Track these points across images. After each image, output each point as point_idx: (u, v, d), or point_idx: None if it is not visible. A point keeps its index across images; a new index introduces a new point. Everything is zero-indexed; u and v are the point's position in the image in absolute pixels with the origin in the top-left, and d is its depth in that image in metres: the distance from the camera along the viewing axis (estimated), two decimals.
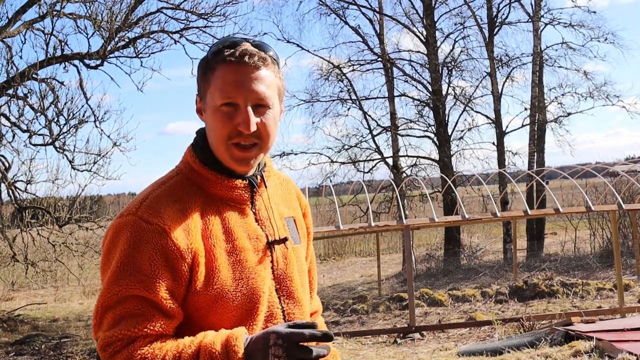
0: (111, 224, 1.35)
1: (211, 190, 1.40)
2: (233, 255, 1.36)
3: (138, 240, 1.29)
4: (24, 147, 10.79)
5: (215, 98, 1.35)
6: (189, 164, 1.42)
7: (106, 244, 1.34)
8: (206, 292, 1.32)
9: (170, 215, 1.32)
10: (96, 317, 1.30)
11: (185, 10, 10.34)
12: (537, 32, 15.01)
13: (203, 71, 1.40)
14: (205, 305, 1.33)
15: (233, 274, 1.35)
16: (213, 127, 1.37)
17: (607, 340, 5.51)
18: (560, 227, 17.53)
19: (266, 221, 1.45)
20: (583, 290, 9.91)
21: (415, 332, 8.22)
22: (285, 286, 1.44)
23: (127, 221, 1.31)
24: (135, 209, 1.33)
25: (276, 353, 1.21)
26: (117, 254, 1.30)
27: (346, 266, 17.84)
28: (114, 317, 1.27)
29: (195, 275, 1.32)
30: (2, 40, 9.76)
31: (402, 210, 11.77)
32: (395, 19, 15.67)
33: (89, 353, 8.48)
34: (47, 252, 10.66)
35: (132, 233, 1.29)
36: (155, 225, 1.30)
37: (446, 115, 15.31)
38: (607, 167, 11.86)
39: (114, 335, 1.26)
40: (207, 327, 1.32)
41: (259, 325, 1.37)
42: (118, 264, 1.29)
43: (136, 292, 1.27)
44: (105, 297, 1.29)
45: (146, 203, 1.34)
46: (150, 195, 1.36)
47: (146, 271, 1.27)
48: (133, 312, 1.27)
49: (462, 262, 14.69)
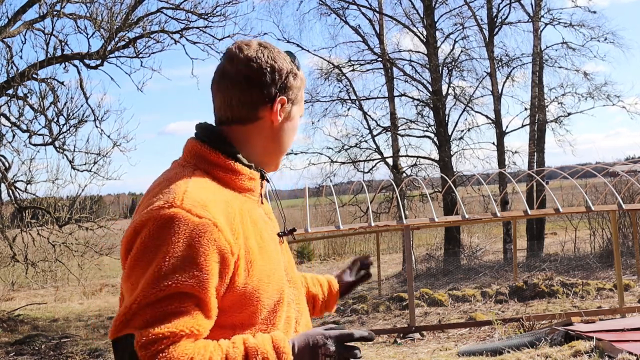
0: (145, 217, 1.26)
1: (235, 182, 1.40)
2: (262, 247, 1.38)
3: (190, 235, 1.22)
4: (24, 147, 10.81)
5: (300, 112, 1.50)
6: (205, 158, 1.39)
7: (143, 239, 1.24)
8: (245, 285, 1.31)
9: (215, 209, 1.28)
10: (127, 312, 1.20)
11: (185, 10, 10.35)
12: (537, 32, 15.01)
13: (297, 82, 1.47)
14: (242, 300, 1.31)
15: (265, 264, 1.36)
16: (286, 140, 1.48)
17: (607, 340, 5.51)
18: (560, 227, 17.53)
19: (270, 214, 1.52)
20: (583, 290, 9.91)
21: (415, 332, 8.22)
22: (290, 276, 1.50)
23: (174, 214, 1.23)
24: (179, 202, 1.25)
25: (326, 352, 1.27)
26: (164, 248, 1.21)
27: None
28: (156, 314, 1.19)
29: (237, 269, 1.29)
30: (2, 40, 9.76)
31: (402, 210, 11.77)
32: (395, 19, 15.69)
33: (89, 353, 8.49)
34: (47, 252, 10.67)
35: (182, 227, 1.22)
36: (206, 219, 1.24)
37: (446, 115, 15.31)
38: (607, 167, 11.86)
39: (160, 333, 1.17)
40: (238, 322, 1.32)
41: (283, 315, 1.40)
42: (168, 258, 1.20)
43: (187, 289, 1.20)
44: (148, 292, 1.19)
45: (188, 196, 1.27)
46: (187, 188, 1.29)
47: (202, 267, 1.22)
48: (179, 309, 1.20)
49: (462, 262, 14.69)
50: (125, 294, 1.26)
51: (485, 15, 15.32)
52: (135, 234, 1.26)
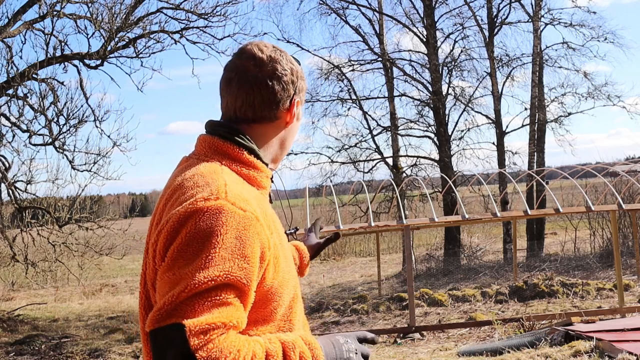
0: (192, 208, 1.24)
1: (256, 179, 1.43)
2: (281, 244, 1.40)
3: (238, 227, 1.23)
4: (24, 147, 10.83)
5: (301, 114, 1.55)
6: (229, 155, 1.40)
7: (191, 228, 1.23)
8: (273, 280, 1.32)
9: (254, 204, 1.30)
10: (171, 302, 1.17)
11: (185, 10, 10.35)
12: (537, 32, 15.01)
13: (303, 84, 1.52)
14: (267, 295, 1.33)
15: (285, 262, 1.39)
16: (293, 136, 1.54)
17: (607, 340, 5.51)
18: (560, 227, 17.54)
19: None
20: (583, 290, 9.91)
21: (415, 332, 8.22)
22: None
23: (220, 206, 1.24)
24: (224, 194, 1.26)
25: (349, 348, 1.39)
26: (214, 240, 1.21)
27: (346, 266, 17.84)
28: (205, 304, 1.17)
29: (268, 265, 1.30)
30: (2, 40, 9.76)
31: (402, 210, 11.77)
32: (395, 19, 15.69)
33: (89, 353, 8.49)
34: (47, 252, 10.67)
35: (230, 219, 1.23)
36: (250, 213, 1.26)
37: (446, 115, 15.31)
38: (607, 167, 11.86)
39: (213, 322, 1.16)
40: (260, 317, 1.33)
41: (298, 311, 1.44)
42: (217, 249, 1.20)
43: (235, 281, 1.21)
44: (198, 282, 1.18)
45: (230, 189, 1.28)
46: (227, 182, 1.30)
47: (249, 260, 1.23)
48: (226, 301, 1.19)
49: (462, 262, 14.69)
50: (165, 286, 1.22)
51: (485, 15, 15.32)
52: (179, 225, 1.24)
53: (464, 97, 15.55)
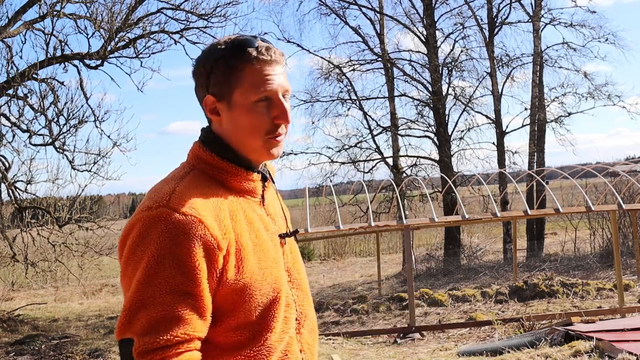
0: (135, 218, 1.30)
1: (231, 182, 1.42)
2: (257, 245, 1.39)
3: (175, 232, 1.25)
4: (24, 147, 10.81)
5: (250, 95, 1.39)
6: (203, 159, 1.42)
7: (133, 238, 1.28)
8: (237, 281, 1.32)
9: (202, 207, 1.31)
10: (126, 315, 1.24)
11: (185, 10, 10.34)
12: (537, 32, 15.01)
13: (223, 72, 1.40)
14: (234, 296, 1.33)
15: (259, 263, 1.37)
16: (248, 125, 1.40)
17: (607, 340, 5.51)
18: (560, 227, 17.53)
19: (274, 216, 1.51)
20: (583, 290, 9.91)
21: (415, 332, 8.22)
22: (294, 278, 1.50)
23: (159, 214, 1.27)
24: (165, 201, 1.29)
25: None
26: (151, 248, 1.25)
27: (346, 266, 17.84)
28: (150, 320, 1.22)
29: (227, 265, 1.31)
30: (2, 40, 9.76)
31: (402, 210, 11.77)
32: (395, 19, 15.68)
33: (89, 353, 8.48)
34: (47, 252, 10.66)
35: (168, 225, 1.26)
36: (191, 217, 1.27)
37: (446, 115, 15.31)
38: (608, 167, 11.86)
39: (156, 342, 1.21)
40: (234, 322, 1.33)
41: (280, 315, 1.40)
42: (154, 258, 1.24)
43: (176, 287, 1.23)
44: (139, 293, 1.23)
45: (175, 195, 1.31)
46: (175, 188, 1.33)
47: (187, 264, 1.24)
48: (171, 314, 1.23)
49: (462, 262, 14.69)
50: (124, 294, 1.30)
51: (486, 15, 15.32)
52: (127, 235, 1.31)
53: (464, 97, 15.55)
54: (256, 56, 1.39)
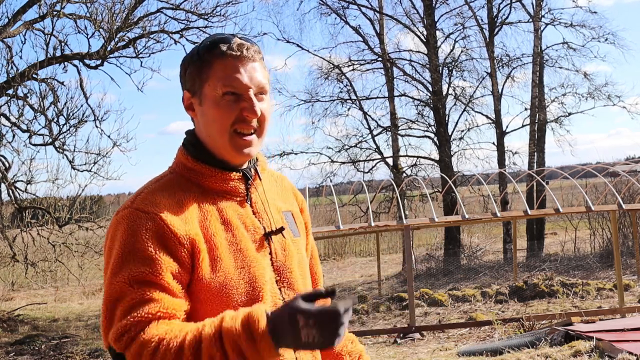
0: (111, 221, 1.39)
1: (206, 184, 1.43)
2: (233, 245, 1.39)
3: (135, 228, 1.31)
4: (24, 147, 10.80)
5: (217, 88, 1.40)
6: (181, 162, 1.46)
7: (107, 241, 1.37)
8: (211, 280, 1.34)
9: (166, 205, 1.36)
10: (106, 316, 1.29)
11: (185, 10, 10.35)
12: (537, 32, 15.00)
13: (196, 67, 1.43)
14: (210, 295, 1.34)
15: (235, 262, 1.38)
16: (215, 117, 1.41)
17: (607, 340, 5.51)
18: (560, 227, 17.53)
19: (263, 214, 1.48)
20: (583, 290, 9.90)
21: (415, 332, 8.21)
22: (285, 277, 1.47)
23: (124, 215, 1.35)
24: (130, 202, 1.37)
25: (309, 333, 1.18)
26: (116, 248, 1.32)
27: (346, 266, 17.83)
28: (124, 308, 1.26)
29: (198, 262, 1.34)
30: (2, 40, 9.76)
31: (402, 210, 11.76)
32: (395, 19, 15.68)
33: (89, 353, 8.48)
34: (47, 252, 10.67)
35: (129, 223, 1.32)
36: (151, 214, 1.33)
37: (446, 115, 15.31)
38: (608, 167, 11.86)
39: (128, 322, 1.24)
40: None
41: None
42: (118, 254, 1.30)
43: (140, 277, 1.27)
44: (110, 289, 1.29)
45: (141, 196, 1.38)
46: (145, 190, 1.40)
47: (146, 255, 1.29)
48: (142, 298, 1.26)
49: (462, 262, 14.68)
50: None
51: (486, 15, 15.32)
52: (105, 240, 1.39)
53: (464, 97, 15.55)
54: (225, 51, 1.40)
